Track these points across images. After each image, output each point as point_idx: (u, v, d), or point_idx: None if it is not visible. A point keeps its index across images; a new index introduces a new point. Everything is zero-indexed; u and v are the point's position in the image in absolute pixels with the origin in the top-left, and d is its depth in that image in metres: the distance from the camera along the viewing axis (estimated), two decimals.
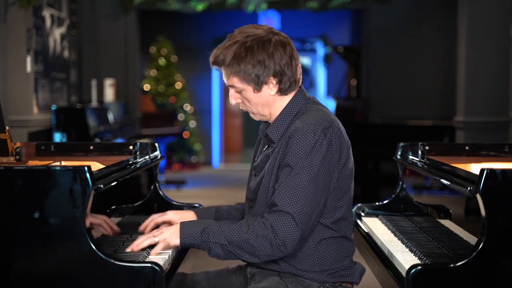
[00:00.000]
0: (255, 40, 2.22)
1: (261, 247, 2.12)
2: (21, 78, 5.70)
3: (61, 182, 2.08)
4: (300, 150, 2.16)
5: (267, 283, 2.23)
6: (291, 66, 2.25)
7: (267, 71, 2.22)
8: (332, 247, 2.25)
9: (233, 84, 2.27)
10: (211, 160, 12.19)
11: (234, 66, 2.23)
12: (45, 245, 2.08)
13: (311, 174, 2.14)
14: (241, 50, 2.22)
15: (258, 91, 2.26)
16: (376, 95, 9.83)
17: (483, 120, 6.41)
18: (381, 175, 7.29)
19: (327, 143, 2.17)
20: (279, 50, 2.23)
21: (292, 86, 2.29)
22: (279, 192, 2.15)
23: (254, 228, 2.14)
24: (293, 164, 2.15)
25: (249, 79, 2.23)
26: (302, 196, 2.13)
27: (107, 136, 6.75)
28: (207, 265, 2.67)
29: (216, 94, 12.20)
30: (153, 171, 3.04)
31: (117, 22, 8.71)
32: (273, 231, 2.11)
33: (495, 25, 6.34)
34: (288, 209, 2.12)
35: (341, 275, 2.27)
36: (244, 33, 2.25)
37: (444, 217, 2.66)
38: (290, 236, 2.11)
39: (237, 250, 2.15)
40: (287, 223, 2.11)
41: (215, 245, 2.16)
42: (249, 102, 2.30)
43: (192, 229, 2.19)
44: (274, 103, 2.30)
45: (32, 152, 3.02)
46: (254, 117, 2.37)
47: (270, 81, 2.25)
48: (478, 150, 3.14)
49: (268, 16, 11.69)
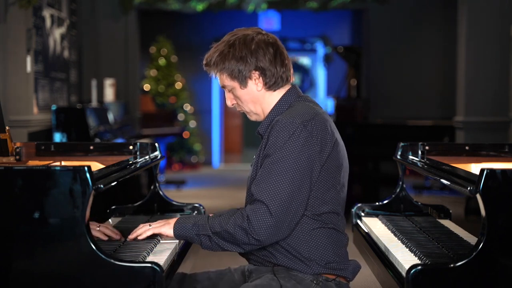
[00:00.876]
0: (238, 38, 2.32)
1: (238, 236, 2.19)
2: (21, 78, 5.70)
3: (61, 182, 2.08)
4: (278, 140, 2.21)
5: (261, 280, 2.26)
6: (275, 63, 2.32)
7: (249, 66, 2.31)
8: (323, 237, 2.27)
9: (223, 83, 2.37)
10: (211, 160, 12.19)
11: (219, 64, 2.33)
12: (45, 245, 2.08)
13: (287, 164, 2.18)
14: (225, 48, 2.32)
15: (244, 87, 2.34)
16: (376, 95, 9.83)
17: (483, 120, 6.41)
18: (381, 175, 7.28)
19: (306, 134, 2.20)
20: (261, 47, 2.31)
21: (278, 82, 2.34)
22: (256, 181, 2.23)
23: (234, 218, 2.21)
24: (271, 154, 2.21)
25: (234, 74, 2.32)
26: (277, 185, 2.18)
27: (107, 136, 6.75)
28: (207, 265, 2.67)
29: (216, 94, 12.21)
30: (153, 171, 3.04)
31: (117, 22, 8.71)
32: (248, 220, 2.18)
33: (495, 25, 6.34)
34: (262, 197, 2.18)
35: (334, 267, 2.28)
36: (231, 34, 2.37)
37: (444, 217, 2.66)
38: (263, 225, 2.16)
39: (221, 240, 2.22)
40: (260, 212, 2.17)
41: (204, 237, 2.24)
42: (241, 101, 2.38)
43: (185, 222, 2.28)
44: (264, 99, 2.36)
45: (32, 152, 3.02)
46: (250, 117, 2.44)
47: (254, 76, 2.32)
48: (478, 150, 3.14)
49: (268, 16, 11.69)
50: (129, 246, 2.35)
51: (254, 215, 2.18)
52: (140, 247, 2.32)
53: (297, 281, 2.25)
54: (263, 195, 2.18)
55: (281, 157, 2.19)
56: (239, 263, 2.48)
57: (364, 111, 8.94)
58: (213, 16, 11.12)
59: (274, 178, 2.19)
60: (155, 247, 2.33)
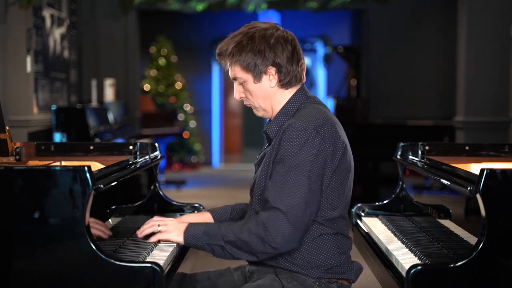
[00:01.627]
0: (257, 31, 2.27)
1: (253, 244, 2.15)
2: (21, 78, 5.70)
3: (61, 182, 2.08)
4: (292, 146, 2.17)
5: (263, 281, 2.25)
6: (292, 60, 2.29)
7: (266, 61, 2.26)
8: (328, 243, 2.26)
9: (235, 75, 2.31)
10: (211, 160, 12.19)
11: (235, 55, 2.28)
12: (45, 245, 2.08)
13: (303, 171, 2.15)
14: (243, 40, 2.27)
15: (258, 81, 2.30)
16: (376, 95, 9.83)
17: (483, 120, 6.41)
18: (381, 175, 7.28)
19: (319, 140, 2.18)
20: (280, 44, 2.27)
21: (292, 81, 2.31)
22: (271, 188, 2.18)
23: (248, 227, 2.17)
24: (285, 161, 2.17)
25: (249, 67, 2.27)
26: (293, 193, 2.14)
27: (107, 136, 6.75)
28: (207, 265, 2.67)
29: (216, 94, 12.21)
30: (153, 171, 3.04)
31: (117, 22, 8.71)
32: (264, 228, 2.14)
33: (495, 25, 6.34)
34: (279, 205, 2.14)
35: (337, 271, 2.27)
36: (249, 26, 2.32)
37: (444, 217, 2.66)
38: (280, 232, 2.13)
39: (235, 249, 2.19)
40: (277, 220, 2.13)
41: (216, 247, 2.20)
42: (251, 95, 2.33)
43: (195, 230, 2.24)
44: (275, 96, 2.32)
45: (32, 152, 3.02)
46: (257, 113, 2.39)
47: (269, 72, 2.28)
48: (478, 150, 3.14)
49: (268, 16, 11.69)
50: (129, 246, 2.35)
51: (272, 223, 2.13)
52: (140, 247, 2.32)
53: (299, 282, 2.24)
54: (280, 203, 2.14)
55: (296, 164, 2.15)
56: (239, 263, 2.47)
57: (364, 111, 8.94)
58: (213, 16, 11.12)
59: (289, 185, 2.14)
60: (155, 247, 2.33)
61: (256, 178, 2.33)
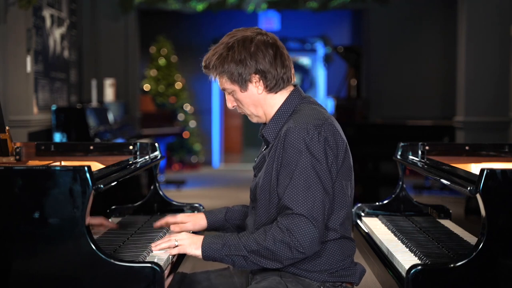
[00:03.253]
0: (236, 40, 2.26)
1: (280, 251, 2.14)
2: (21, 78, 5.70)
3: (61, 182, 2.08)
4: (297, 149, 2.16)
5: (267, 283, 2.23)
6: (275, 65, 2.27)
7: (249, 69, 2.25)
8: (334, 249, 2.25)
9: (223, 86, 2.32)
10: (211, 160, 12.19)
11: (218, 67, 2.28)
12: (45, 245, 2.08)
13: (313, 172, 2.14)
14: (224, 51, 2.27)
15: (244, 90, 2.29)
16: (376, 95, 9.83)
17: (483, 120, 6.41)
18: (381, 175, 7.29)
19: (322, 140, 2.17)
20: (261, 50, 2.25)
21: (279, 84, 2.29)
22: (288, 194, 2.15)
23: (271, 234, 2.14)
24: (293, 165, 2.16)
25: (233, 78, 2.27)
26: (310, 195, 2.13)
27: (107, 136, 6.75)
28: (207, 265, 2.67)
29: (216, 94, 12.21)
30: (153, 171, 3.04)
31: (117, 22, 8.71)
32: (290, 234, 2.12)
33: (495, 25, 6.35)
34: (300, 210, 2.13)
35: (342, 275, 2.27)
36: (230, 35, 2.31)
37: (444, 217, 2.66)
38: (308, 237, 2.12)
39: (259, 258, 2.16)
40: (302, 225, 2.12)
41: (238, 258, 2.17)
42: (241, 103, 2.33)
43: (213, 243, 2.21)
44: (265, 102, 2.31)
45: (32, 152, 3.02)
46: (251, 120, 2.39)
47: (254, 79, 2.27)
48: (478, 150, 3.14)
49: (268, 16, 11.69)
50: (129, 246, 2.35)
51: (297, 228, 2.12)
52: (140, 247, 2.31)
53: (304, 286, 2.23)
54: (300, 208, 2.12)
55: (305, 167, 2.14)
56: None
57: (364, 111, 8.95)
58: (213, 16, 11.12)
59: (304, 188, 2.13)
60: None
61: (258, 183, 2.31)
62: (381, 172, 7.33)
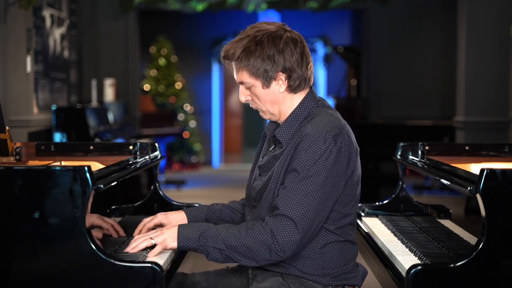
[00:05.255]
0: (265, 34, 2.20)
1: (259, 251, 2.12)
2: (21, 78, 5.70)
3: (61, 182, 2.08)
4: (309, 156, 2.13)
5: (270, 283, 2.22)
6: (302, 64, 2.23)
7: (276, 66, 2.20)
8: (336, 251, 2.24)
9: (242, 79, 2.25)
10: (211, 160, 12.19)
11: (243, 60, 2.20)
12: (45, 245, 2.08)
13: (318, 181, 2.12)
14: (251, 44, 2.20)
15: (267, 87, 2.24)
16: (376, 95, 9.83)
17: (483, 120, 6.41)
18: (381, 175, 7.29)
19: (336, 151, 2.14)
20: (289, 47, 2.20)
21: (302, 84, 2.25)
22: (283, 196, 2.14)
23: (253, 233, 2.12)
24: (300, 170, 2.13)
25: (258, 74, 2.21)
26: (306, 202, 2.11)
27: (107, 136, 6.75)
28: (207, 266, 2.67)
29: (216, 94, 12.20)
30: (153, 171, 3.04)
31: (117, 22, 8.71)
32: (273, 236, 2.10)
33: (495, 25, 6.35)
34: (290, 213, 2.11)
35: (344, 278, 2.26)
36: (255, 28, 2.24)
37: (444, 217, 2.66)
38: (289, 242, 2.10)
39: (235, 254, 2.14)
40: (287, 228, 2.10)
41: (213, 250, 2.15)
42: (259, 99, 2.27)
43: (189, 232, 2.18)
44: (284, 101, 2.27)
45: (32, 152, 3.02)
46: (264, 116, 2.33)
47: (279, 77, 2.22)
48: (478, 150, 3.14)
49: (268, 16, 11.69)
50: None
51: (280, 231, 2.10)
52: None
53: (307, 287, 2.23)
54: (290, 211, 2.11)
55: (311, 174, 2.12)
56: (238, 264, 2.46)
57: (364, 111, 8.95)
58: (213, 16, 11.12)
59: (302, 194, 2.11)
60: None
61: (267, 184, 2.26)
62: (381, 172, 7.33)
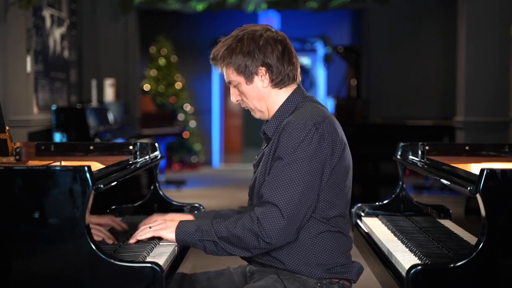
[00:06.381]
0: (246, 33, 2.30)
1: (247, 239, 2.17)
2: (21, 78, 5.70)
3: (61, 182, 2.08)
4: (290, 143, 2.19)
5: (265, 281, 2.25)
6: (283, 60, 2.30)
7: (256, 61, 2.28)
8: (329, 241, 2.26)
9: (229, 78, 2.34)
10: (211, 160, 12.19)
11: (226, 58, 2.31)
12: (45, 245, 2.08)
13: (300, 167, 2.17)
14: (233, 43, 2.30)
15: (250, 83, 2.32)
16: (376, 95, 9.83)
17: (483, 120, 6.41)
18: (381, 175, 7.29)
19: (318, 137, 2.19)
20: (270, 44, 2.29)
21: (285, 80, 2.32)
22: (268, 183, 2.19)
23: (242, 222, 2.18)
24: (283, 157, 2.19)
25: (240, 69, 2.30)
26: (290, 188, 2.16)
27: (107, 136, 6.75)
28: (207, 265, 2.67)
29: (216, 94, 12.20)
30: (153, 171, 3.04)
31: (117, 22, 8.71)
32: (258, 223, 2.15)
33: (495, 25, 6.35)
34: (274, 200, 2.15)
35: (338, 271, 2.27)
36: (240, 29, 2.34)
37: (444, 217, 2.66)
38: (275, 228, 2.14)
39: (228, 245, 2.20)
40: (272, 215, 2.15)
41: (209, 243, 2.21)
42: (246, 97, 2.35)
43: (188, 227, 2.26)
44: (269, 96, 2.34)
45: (32, 152, 3.02)
46: (254, 115, 2.41)
47: (260, 72, 2.30)
48: (478, 150, 3.14)
49: (268, 16, 11.69)
50: (129, 246, 2.35)
51: (266, 218, 2.15)
52: (140, 247, 2.31)
53: (301, 283, 2.24)
54: (275, 198, 2.16)
55: (293, 160, 2.17)
56: (239, 263, 2.47)
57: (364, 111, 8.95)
58: (213, 16, 11.12)
59: (286, 180, 2.16)
60: (155, 247, 2.33)
61: (255, 178, 2.34)
62: (381, 172, 7.33)
